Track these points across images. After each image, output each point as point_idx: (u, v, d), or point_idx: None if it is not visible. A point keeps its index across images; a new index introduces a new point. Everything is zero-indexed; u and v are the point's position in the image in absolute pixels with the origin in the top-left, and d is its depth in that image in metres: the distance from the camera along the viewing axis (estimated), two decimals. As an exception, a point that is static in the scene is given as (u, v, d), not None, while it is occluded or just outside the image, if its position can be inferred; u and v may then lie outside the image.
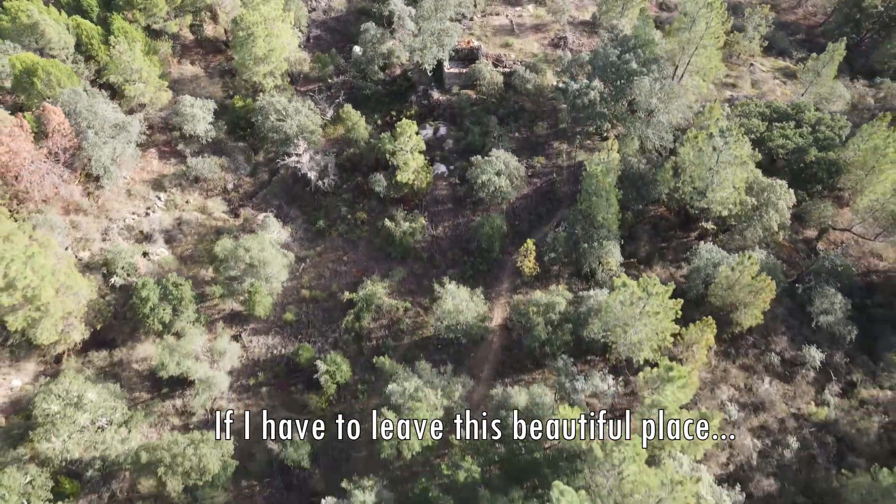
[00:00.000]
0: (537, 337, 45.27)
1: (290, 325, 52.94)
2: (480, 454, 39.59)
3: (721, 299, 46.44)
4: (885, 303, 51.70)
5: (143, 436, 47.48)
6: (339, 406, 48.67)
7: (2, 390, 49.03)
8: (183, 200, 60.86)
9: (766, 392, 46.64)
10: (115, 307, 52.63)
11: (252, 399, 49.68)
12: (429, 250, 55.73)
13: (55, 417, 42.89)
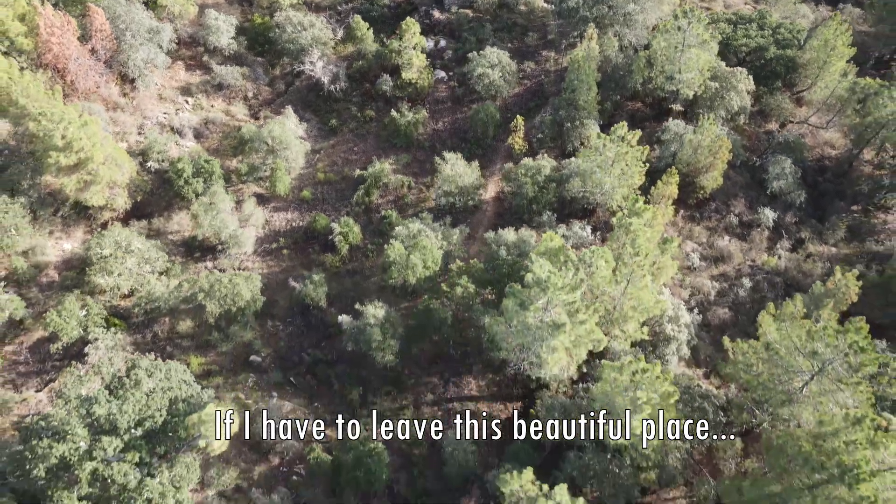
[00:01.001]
0: (525, 195, 51.93)
1: (307, 203, 59.60)
2: (474, 277, 46.25)
3: (686, 165, 53.03)
4: (833, 180, 58.48)
5: (179, 287, 54.12)
6: (351, 264, 55.30)
7: (55, 252, 55.71)
8: (208, 104, 67.54)
9: (726, 247, 53.36)
10: (152, 187, 59.34)
11: (274, 261, 56.34)
12: (430, 140, 62.38)
13: (108, 259, 49.65)
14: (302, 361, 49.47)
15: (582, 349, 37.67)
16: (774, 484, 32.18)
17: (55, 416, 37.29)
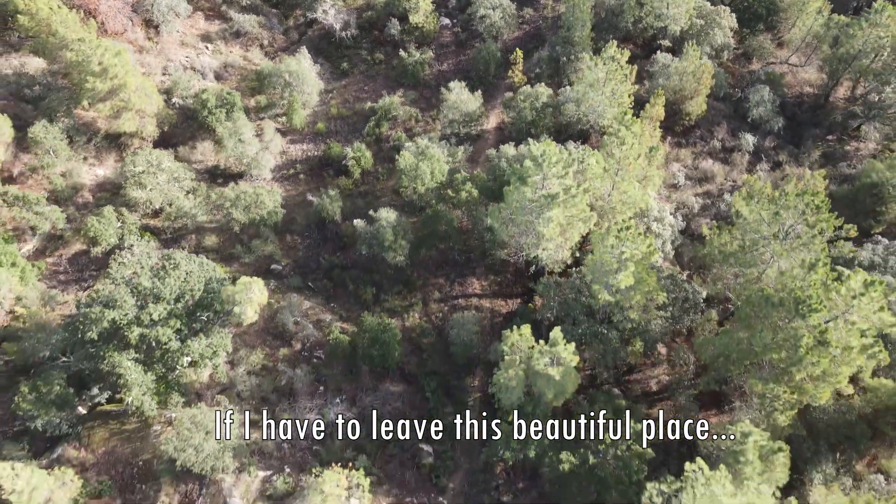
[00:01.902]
0: (524, 118, 56.36)
1: (321, 135, 64.06)
2: (478, 185, 50.71)
3: (674, 93, 57.46)
4: (810, 112, 62.96)
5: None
6: (363, 187, 59.76)
7: (89, 177, 60.17)
8: (227, 50, 71.96)
9: (709, 168, 57.84)
10: (177, 121, 63.79)
11: (291, 185, 60.79)
12: (435, 80, 66.80)
13: (141, 175, 54.09)
14: (319, 267, 53.96)
15: (574, 231, 42.15)
16: (742, 332, 36.68)
17: (105, 288, 41.86)
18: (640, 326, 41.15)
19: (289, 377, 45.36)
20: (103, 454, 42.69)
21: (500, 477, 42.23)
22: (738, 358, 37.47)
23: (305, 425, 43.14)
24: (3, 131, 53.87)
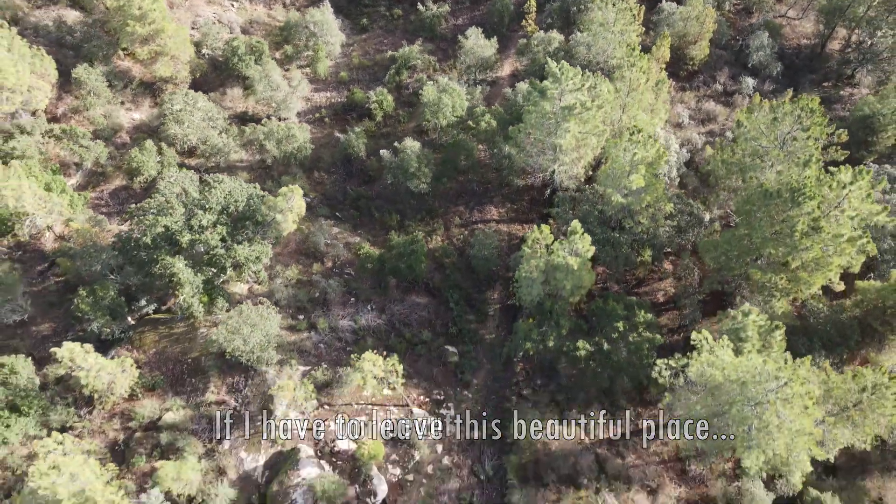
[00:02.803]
0: (538, 60, 59.85)
1: (344, 83, 67.62)
2: (496, 117, 54.27)
3: (678, 38, 60.95)
4: (806, 60, 66.49)
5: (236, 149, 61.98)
6: (385, 129, 63.30)
7: (126, 120, 63.64)
8: (252, 8, 75.52)
9: (712, 109, 61.38)
10: (207, 70, 67.30)
11: (317, 128, 64.28)
12: (451, 32, 70.32)
13: (179, 112, 57.60)
14: (346, 199, 57.51)
15: (588, 149, 45.71)
16: (742, 229, 40.26)
17: (157, 198, 45.40)
18: (649, 233, 44.70)
19: (322, 288, 48.92)
20: (154, 354, 46.27)
21: (519, 375, 45.81)
22: (739, 255, 41.04)
23: (339, 328, 46.89)
24: (49, 72, 57.44)
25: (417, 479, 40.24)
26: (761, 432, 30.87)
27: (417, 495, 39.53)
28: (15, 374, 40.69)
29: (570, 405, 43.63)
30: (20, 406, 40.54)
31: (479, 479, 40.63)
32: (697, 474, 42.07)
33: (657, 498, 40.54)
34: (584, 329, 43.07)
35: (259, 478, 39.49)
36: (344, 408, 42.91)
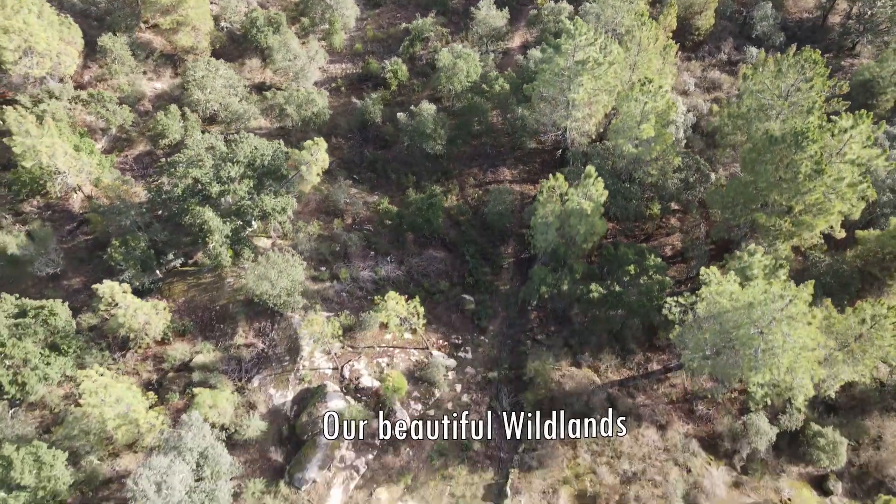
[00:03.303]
0: (549, 30, 61.78)
1: (359, 54, 69.57)
2: (509, 81, 56.22)
3: (684, 9, 62.84)
4: (809, 31, 68.40)
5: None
6: (399, 97, 65.24)
7: (149, 89, 65.64)
8: (267, -16, 77.48)
9: (717, 78, 63.29)
10: (226, 42, 69.27)
11: (333, 97, 66.17)
12: (463, 6, 72.23)
13: (202, 79, 59.54)
14: (363, 162, 59.46)
15: (600, 105, 47.64)
16: (748, 176, 42.19)
17: (187, 152, 47.36)
18: (658, 184, 46.65)
19: (343, 242, 50.91)
20: (183, 303, 48.29)
21: (534, 322, 47.76)
22: (745, 203, 42.96)
23: (360, 279, 48.89)
24: (76, 40, 59.47)
25: (438, 413, 42.25)
26: (766, 353, 32.81)
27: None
28: (54, 316, 42.66)
29: (583, 349, 45.58)
30: (60, 345, 42.55)
31: (497, 413, 42.61)
32: (704, 414, 44.03)
33: (666, 433, 42.51)
34: (596, 275, 44.99)
35: (288, 411, 41.49)
36: (367, 350, 44.90)
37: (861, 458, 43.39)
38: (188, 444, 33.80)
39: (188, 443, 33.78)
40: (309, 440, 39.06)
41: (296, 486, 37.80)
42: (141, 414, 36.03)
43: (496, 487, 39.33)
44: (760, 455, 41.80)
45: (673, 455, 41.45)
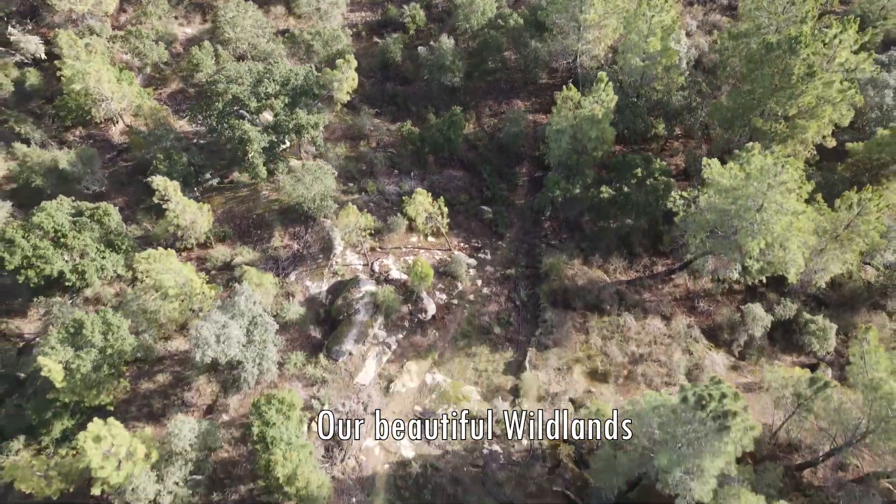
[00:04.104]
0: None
1: (378, 3, 73.28)
2: (522, 15, 59.90)
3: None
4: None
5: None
6: (417, 42, 68.90)
7: (180, 33, 69.43)
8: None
9: (717, 20, 66.86)
10: (251, -8, 72.95)
11: (355, 41, 69.82)
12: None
13: (232, 18, 63.17)
14: (384, 97, 63.16)
15: (609, 30, 51.29)
16: (747, 85, 45.88)
17: (227, 71, 51.07)
18: (663, 100, 50.30)
19: (369, 160, 54.71)
20: (222, 213, 52.05)
21: (547, 230, 51.45)
22: (744, 112, 46.64)
23: (386, 192, 52.63)
24: (114, -19, 63.30)
25: (461, 303, 46.02)
26: (762, 223, 36.54)
27: (462, 314, 45.29)
28: (108, 216, 46.48)
29: (593, 253, 49.24)
30: (115, 242, 46.35)
31: (515, 303, 46.38)
32: (705, 309, 47.72)
33: (670, 323, 46.24)
34: (606, 182, 48.66)
35: (323, 299, 45.27)
36: (394, 251, 48.67)
37: (850, 350, 47.05)
38: (241, 309, 37.56)
39: (241, 307, 37.54)
40: (345, 319, 42.85)
41: (333, 358, 41.58)
42: (196, 285, 39.83)
43: (515, 364, 43.08)
44: (756, 342, 45.47)
45: (676, 340, 45.16)
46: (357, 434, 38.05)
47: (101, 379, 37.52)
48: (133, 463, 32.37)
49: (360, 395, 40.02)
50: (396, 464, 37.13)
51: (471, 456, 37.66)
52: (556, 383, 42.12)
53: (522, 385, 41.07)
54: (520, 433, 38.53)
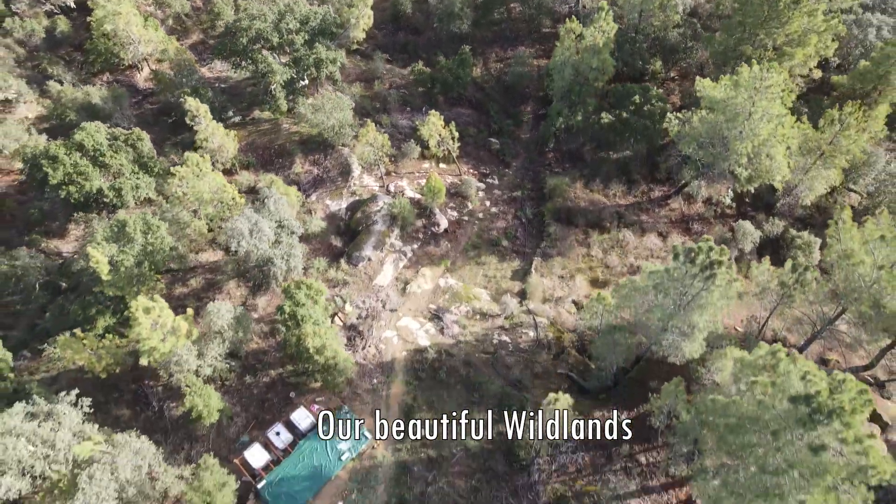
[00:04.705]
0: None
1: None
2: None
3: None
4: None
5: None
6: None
7: (198, -11, 72.77)
8: None
9: (713, -25, 70.01)
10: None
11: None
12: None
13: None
14: (396, 46, 66.47)
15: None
16: (738, 17, 49.14)
17: (249, 9, 54.34)
18: (660, 36, 53.53)
19: (383, 97, 58.05)
20: (245, 145, 55.34)
21: (551, 160, 54.77)
22: (736, 44, 49.89)
23: (399, 125, 55.92)
24: (138, -63, 66.48)
25: (471, 220, 49.36)
26: (749, 129, 39.83)
27: (472, 229, 48.62)
28: (140, 141, 49.76)
29: (594, 179, 52.54)
30: (147, 164, 49.66)
31: (521, 221, 49.71)
32: (699, 230, 51.00)
33: (666, 240, 49.52)
34: (606, 109, 51.92)
35: (343, 215, 48.60)
36: (407, 175, 51.99)
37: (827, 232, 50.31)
38: (270, 209, 40.89)
39: (270, 207, 40.87)
40: (364, 230, 46.21)
41: (353, 264, 44.93)
42: (228, 192, 43.17)
43: (521, 272, 46.42)
44: (746, 257, 48.76)
45: (672, 254, 48.38)
46: (377, 326, 41.39)
47: (141, 274, 40.82)
48: (176, 337, 35.76)
49: (379, 295, 43.35)
50: (413, 351, 40.42)
51: (482, 345, 40.96)
52: (560, 288, 45.43)
53: (529, 288, 44.40)
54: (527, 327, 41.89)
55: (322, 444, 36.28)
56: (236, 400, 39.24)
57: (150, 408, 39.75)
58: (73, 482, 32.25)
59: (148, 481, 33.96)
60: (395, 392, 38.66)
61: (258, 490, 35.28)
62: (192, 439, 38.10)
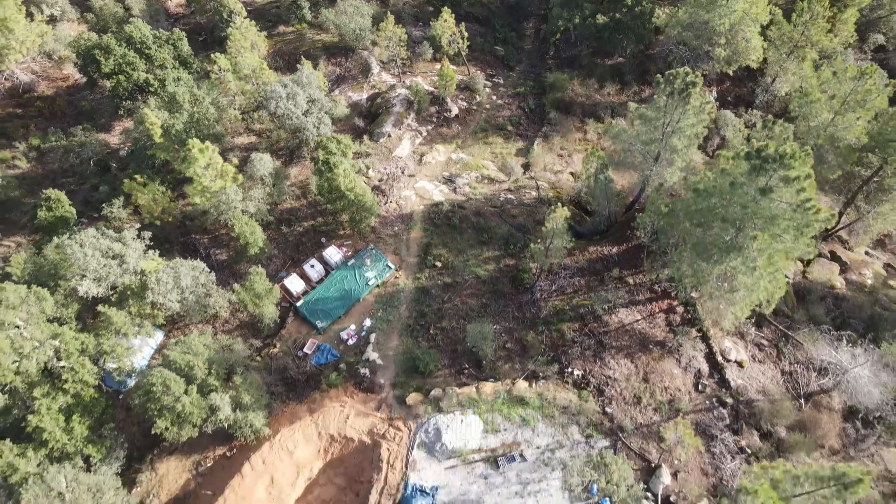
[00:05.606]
0: None
1: None
2: None
3: None
4: None
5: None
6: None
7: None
8: None
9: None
10: None
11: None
12: None
13: None
14: None
15: None
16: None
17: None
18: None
19: (397, 11, 63.30)
20: (272, 52, 60.56)
21: (552, 65, 60.09)
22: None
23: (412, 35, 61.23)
24: None
25: (479, 109, 54.74)
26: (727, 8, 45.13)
27: (480, 116, 53.98)
28: (181, 41, 55.04)
29: (590, 79, 57.85)
30: (187, 60, 54.96)
31: (524, 111, 55.06)
32: (686, 123, 56.23)
33: (655, 128, 54.73)
34: (601, 12, 57.17)
35: (363, 104, 53.95)
36: (421, 73, 57.33)
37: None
38: (302, 80, 46.23)
39: (303, 79, 46.21)
40: (384, 112, 51.61)
41: (375, 139, 50.31)
42: (265, 71, 48.54)
43: (525, 150, 51.77)
44: (728, 143, 54.04)
45: (660, 139, 53.65)
46: (397, 187, 46.78)
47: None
48: (224, 180, 41.16)
49: (399, 164, 48.75)
50: (430, 205, 45.81)
51: (490, 201, 46.36)
52: (559, 164, 50.78)
53: (531, 160, 49.79)
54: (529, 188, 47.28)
55: (351, 272, 41.73)
56: (274, 245, 44.63)
57: (199, 254, 45.14)
58: (143, 286, 37.68)
59: (203, 295, 39.39)
60: (415, 236, 44.06)
61: (296, 308, 40.71)
62: (237, 276, 43.50)
